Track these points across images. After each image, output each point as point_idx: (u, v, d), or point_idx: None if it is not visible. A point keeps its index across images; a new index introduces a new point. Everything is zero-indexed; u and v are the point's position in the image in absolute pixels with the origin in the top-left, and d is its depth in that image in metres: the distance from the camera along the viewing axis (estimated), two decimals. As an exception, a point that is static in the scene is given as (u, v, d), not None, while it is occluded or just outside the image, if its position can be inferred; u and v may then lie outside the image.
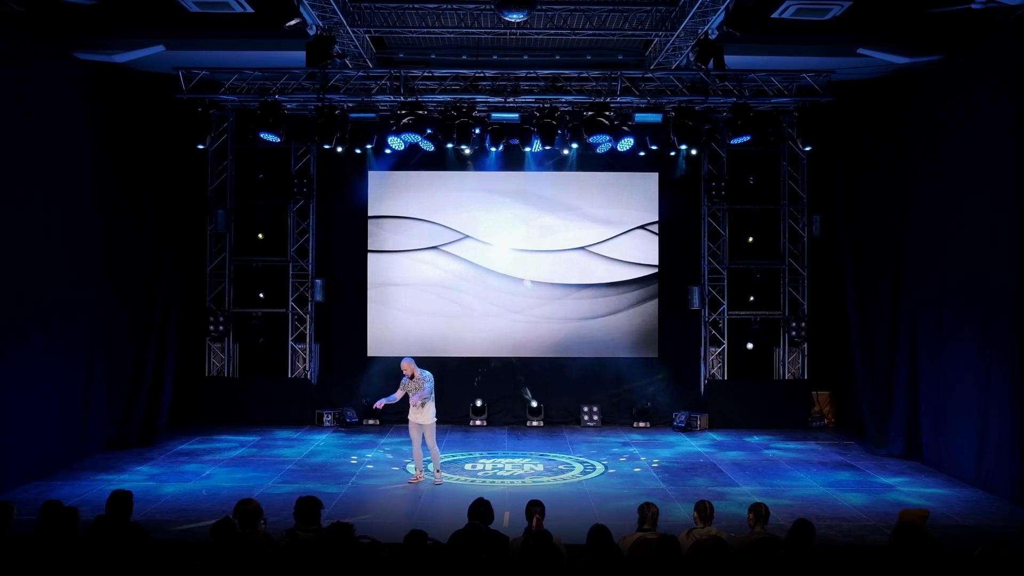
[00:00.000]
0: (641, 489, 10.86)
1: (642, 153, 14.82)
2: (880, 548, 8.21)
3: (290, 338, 16.03)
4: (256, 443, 13.78)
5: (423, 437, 11.20)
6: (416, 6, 11.83)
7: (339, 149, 14.65)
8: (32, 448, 11.03)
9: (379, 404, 11.54)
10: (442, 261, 16.08)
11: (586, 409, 15.82)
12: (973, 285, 11.22)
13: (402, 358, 11.50)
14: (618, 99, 13.60)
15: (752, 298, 15.99)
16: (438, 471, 11.30)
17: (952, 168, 11.81)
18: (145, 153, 13.44)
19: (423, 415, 11.14)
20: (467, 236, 16.08)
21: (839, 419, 15.69)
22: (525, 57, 13.70)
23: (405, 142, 13.93)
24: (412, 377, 11.19)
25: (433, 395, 11.23)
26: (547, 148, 14.29)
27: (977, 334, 11.11)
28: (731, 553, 6.36)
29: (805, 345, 15.98)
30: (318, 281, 15.98)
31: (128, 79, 13.02)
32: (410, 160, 15.66)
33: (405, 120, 13.37)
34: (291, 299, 16.04)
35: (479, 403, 15.74)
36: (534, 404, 15.82)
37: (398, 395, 11.30)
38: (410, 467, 12.04)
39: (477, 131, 13.75)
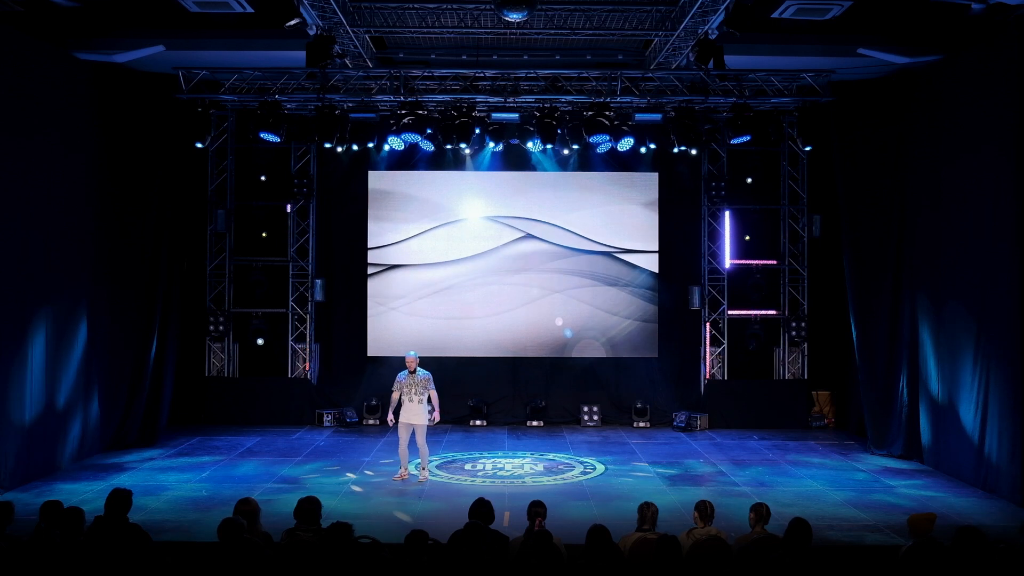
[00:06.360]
0: (641, 489, 10.85)
1: (643, 151, 14.82)
2: (879, 548, 8.26)
3: (290, 338, 16.03)
4: (256, 443, 13.78)
5: (412, 435, 11.16)
6: (416, 6, 11.83)
7: (339, 149, 14.66)
8: (32, 448, 11.03)
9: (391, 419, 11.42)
10: (442, 261, 16.08)
11: (586, 409, 15.82)
12: (972, 285, 11.22)
13: (408, 352, 11.39)
14: (618, 99, 13.60)
15: (753, 298, 15.99)
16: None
17: (952, 168, 11.80)
18: (145, 153, 13.44)
19: (417, 415, 11.10)
20: (466, 236, 16.08)
21: (839, 419, 15.70)
22: (525, 57, 13.70)
23: (405, 142, 13.94)
24: (413, 372, 11.14)
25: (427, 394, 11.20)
26: (547, 148, 14.28)
27: (977, 334, 11.11)
28: (731, 553, 6.35)
29: (805, 345, 15.98)
30: (318, 281, 15.98)
31: (128, 79, 13.02)
32: (410, 160, 15.70)
33: (405, 120, 13.37)
34: (291, 299, 16.04)
35: (479, 403, 15.75)
36: (542, 404, 15.84)
37: (395, 397, 11.24)
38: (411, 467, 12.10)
39: (477, 131, 13.75)
